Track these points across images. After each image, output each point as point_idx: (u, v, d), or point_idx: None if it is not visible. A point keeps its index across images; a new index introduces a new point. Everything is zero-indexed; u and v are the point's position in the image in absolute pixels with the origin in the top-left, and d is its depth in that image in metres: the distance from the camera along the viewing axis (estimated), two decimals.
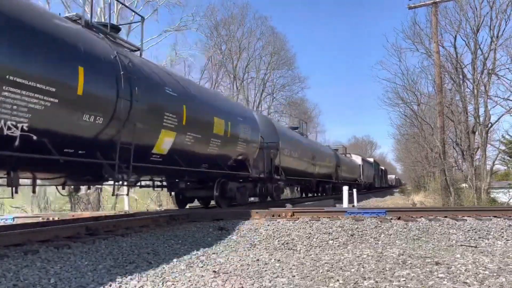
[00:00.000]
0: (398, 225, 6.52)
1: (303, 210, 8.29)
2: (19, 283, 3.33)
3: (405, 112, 30.89)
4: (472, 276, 3.65)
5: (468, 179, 17.55)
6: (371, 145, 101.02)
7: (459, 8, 18.75)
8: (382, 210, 7.68)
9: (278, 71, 38.82)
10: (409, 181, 56.44)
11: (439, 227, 6.33)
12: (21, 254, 4.11)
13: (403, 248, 5.30)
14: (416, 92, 26.24)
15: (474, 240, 5.80)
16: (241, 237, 6.36)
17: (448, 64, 19.60)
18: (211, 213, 8.14)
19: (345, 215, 7.49)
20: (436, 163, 22.52)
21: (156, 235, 5.88)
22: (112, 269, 4.07)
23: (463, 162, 19.18)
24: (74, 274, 3.76)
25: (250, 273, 4.05)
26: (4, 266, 3.65)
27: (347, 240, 6.01)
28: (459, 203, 16.13)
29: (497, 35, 17.71)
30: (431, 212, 7.52)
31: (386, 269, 4.01)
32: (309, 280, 3.70)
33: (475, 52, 18.29)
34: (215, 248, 5.61)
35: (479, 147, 18.23)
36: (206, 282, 3.64)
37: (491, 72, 17.65)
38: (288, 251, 5.57)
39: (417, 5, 18.62)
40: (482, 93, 17.95)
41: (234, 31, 35.14)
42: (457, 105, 19.89)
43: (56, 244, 4.63)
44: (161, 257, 4.85)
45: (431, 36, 18.88)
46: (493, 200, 17.85)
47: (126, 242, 5.21)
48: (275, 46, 37.91)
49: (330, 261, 4.58)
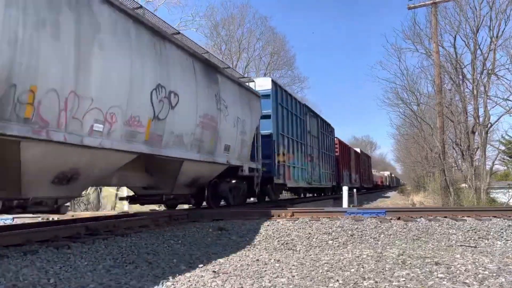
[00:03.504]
0: (398, 225, 6.52)
1: (303, 210, 8.29)
2: (19, 283, 3.32)
3: (405, 112, 30.91)
4: (471, 276, 3.66)
5: (468, 179, 17.56)
6: (371, 145, 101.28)
7: (459, 9, 18.77)
8: (381, 210, 7.69)
9: (278, 71, 38.82)
10: (408, 181, 56.47)
11: (438, 227, 6.33)
12: (20, 254, 4.11)
13: (402, 248, 5.30)
14: (415, 92, 26.23)
15: (474, 240, 5.80)
16: (241, 237, 6.36)
17: (448, 64, 19.61)
18: (211, 213, 8.14)
19: (344, 215, 7.49)
20: (435, 163, 22.53)
21: (155, 235, 5.88)
22: (111, 269, 4.07)
23: (462, 162, 19.18)
24: (74, 274, 3.76)
25: (249, 273, 4.05)
26: (4, 266, 3.65)
27: (346, 240, 6.01)
28: (458, 203, 16.13)
29: (497, 35, 17.73)
30: (431, 212, 7.52)
31: (386, 269, 4.02)
32: (309, 280, 3.70)
33: (475, 52, 18.30)
34: (214, 248, 5.61)
35: (478, 147, 18.24)
36: (206, 282, 3.64)
37: (491, 72, 17.66)
38: (288, 251, 5.57)
39: (416, 5, 18.63)
40: (482, 93, 17.96)
41: (234, 31, 35.17)
42: (457, 105, 19.90)
43: (56, 244, 4.63)
44: (161, 257, 4.85)
45: (431, 36, 18.88)
46: (492, 200, 17.84)
47: (125, 242, 5.21)
48: (275, 46, 37.94)
49: (330, 261, 4.58)
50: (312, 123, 17.85)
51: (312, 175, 17.19)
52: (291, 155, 14.42)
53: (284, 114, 13.85)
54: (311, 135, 17.44)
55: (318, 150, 18.57)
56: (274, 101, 12.97)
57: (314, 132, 18.22)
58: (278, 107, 13.26)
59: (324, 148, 20.00)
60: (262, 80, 13.10)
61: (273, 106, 12.92)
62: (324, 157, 19.86)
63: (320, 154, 18.89)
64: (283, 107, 13.77)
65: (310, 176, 16.81)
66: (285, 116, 13.99)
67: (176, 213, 8.13)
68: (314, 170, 17.62)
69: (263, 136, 12.00)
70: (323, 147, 19.78)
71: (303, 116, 16.28)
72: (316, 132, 18.52)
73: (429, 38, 20.23)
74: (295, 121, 15.21)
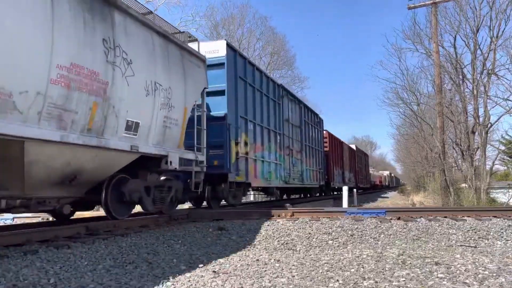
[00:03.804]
0: (398, 225, 6.52)
1: (302, 210, 8.30)
2: (19, 283, 3.32)
3: (405, 112, 30.95)
4: (471, 276, 3.66)
5: (468, 179, 17.57)
6: (371, 145, 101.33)
7: (459, 9, 18.80)
8: (381, 210, 7.69)
9: (278, 71, 38.84)
10: (408, 181, 56.48)
11: (438, 227, 6.33)
12: (20, 254, 4.11)
13: (402, 248, 5.30)
14: (416, 92, 26.26)
15: (474, 240, 5.80)
16: (241, 237, 6.36)
17: (448, 64, 19.64)
18: (211, 213, 8.14)
19: (344, 215, 7.49)
20: (435, 163, 22.53)
21: (155, 235, 5.88)
22: (111, 269, 4.07)
23: (462, 162, 19.19)
24: (74, 274, 3.76)
25: (249, 273, 4.05)
26: (4, 266, 3.65)
27: (346, 240, 6.01)
28: (458, 203, 16.14)
29: (497, 35, 17.75)
30: (431, 212, 7.52)
31: (386, 269, 4.02)
32: (309, 280, 3.70)
33: (475, 52, 18.32)
34: (215, 248, 5.61)
35: (478, 147, 18.24)
36: (206, 282, 3.64)
37: (491, 72, 17.67)
38: (288, 251, 5.57)
39: (416, 5, 18.65)
40: (482, 93, 17.98)
41: (234, 31, 35.20)
42: (457, 105, 19.91)
43: (56, 244, 4.63)
44: (161, 257, 4.85)
45: (431, 36, 18.90)
46: (492, 200, 17.85)
47: (125, 242, 5.21)
48: (275, 46, 37.97)
49: (330, 261, 4.58)
50: (292, 110, 14.73)
51: (291, 172, 14.10)
52: (259, 146, 11.36)
53: (248, 92, 10.71)
54: (290, 124, 14.37)
55: (300, 143, 15.55)
56: (231, 73, 9.75)
57: (295, 121, 15.11)
58: (237, 81, 10.09)
59: (309, 141, 17.04)
60: (213, 44, 9.78)
61: (229, 78, 9.61)
62: (309, 151, 16.91)
63: (303, 148, 15.86)
64: (246, 82, 10.65)
65: (288, 174, 13.75)
66: (250, 95, 10.86)
67: (176, 213, 8.12)
68: (294, 167, 14.52)
69: (214, 119, 9.25)
70: (308, 140, 16.83)
71: (278, 100, 13.20)
72: (298, 121, 15.44)
73: (429, 38, 20.26)
74: (267, 104, 12.14)
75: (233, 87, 9.88)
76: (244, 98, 10.53)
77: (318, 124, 19.09)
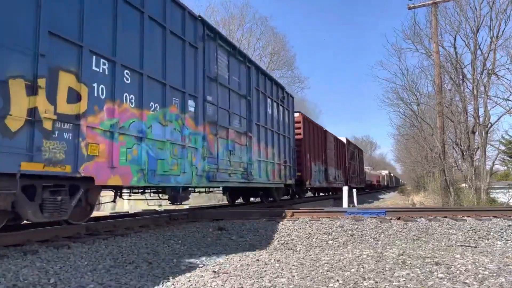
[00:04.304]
0: (398, 225, 6.52)
1: (303, 211, 8.30)
2: (19, 283, 3.32)
3: (405, 112, 30.92)
4: (471, 276, 3.66)
5: (468, 179, 17.56)
6: (371, 145, 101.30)
7: (459, 9, 18.78)
8: (381, 210, 7.69)
9: (278, 71, 38.81)
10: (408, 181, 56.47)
11: (438, 227, 6.33)
12: (20, 254, 4.11)
13: (402, 248, 5.30)
14: (416, 92, 26.24)
15: (474, 240, 5.80)
16: (241, 237, 6.36)
17: (448, 64, 19.62)
18: (210, 213, 8.14)
19: (344, 215, 7.49)
20: (436, 163, 22.53)
21: (155, 235, 5.88)
22: (111, 269, 4.07)
23: (463, 162, 19.18)
24: (74, 274, 3.76)
25: (249, 273, 4.05)
26: (4, 266, 3.65)
27: (347, 240, 6.01)
28: (458, 203, 16.14)
29: (497, 35, 17.73)
30: (431, 212, 7.52)
31: (386, 269, 4.02)
32: (309, 280, 3.70)
33: (475, 52, 18.31)
34: (214, 248, 5.61)
35: (478, 147, 18.24)
36: (206, 282, 3.63)
37: (491, 72, 17.67)
38: (288, 251, 5.57)
39: (417, 5, 18.64)
40: (482, 93, 17.97)
41: (234, 31, 35.15)
42: (457, 105, 19.91)
43: (56, 244, 4.63)
44: (161, 257, 4.85)
45: (431, 36, 18.90)
46: (492, 200, 17.85)
47: (126, 242, 5.21)
48: (275, 46, 37.93)
49: (330, 261, 4.58)
50: (231, 67, 9.50)
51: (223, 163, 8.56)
52: (132, 109, 5.75)
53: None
54: (222, 86, 8.87)
55: (249, 123, 10.18)
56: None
57: (235, 86, 9.58)
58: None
59: (267, 121, 11.49)
60: None
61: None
62: (267, 136, 11.41)
63: (253, 130, 10.34)
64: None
65: (216, 165, 8.18)
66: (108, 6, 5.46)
67: (176, 213, 8.13)
68: (233, 155, 9.12)
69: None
70: (264, 120, 11.31)
71: (196, 43, 7.80)
72: (244, 89, 10.13)
73: (429, 38, 20.25)
74: (162, 39, 6.64)
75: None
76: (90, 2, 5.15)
77: (284, 101, 13.33)
